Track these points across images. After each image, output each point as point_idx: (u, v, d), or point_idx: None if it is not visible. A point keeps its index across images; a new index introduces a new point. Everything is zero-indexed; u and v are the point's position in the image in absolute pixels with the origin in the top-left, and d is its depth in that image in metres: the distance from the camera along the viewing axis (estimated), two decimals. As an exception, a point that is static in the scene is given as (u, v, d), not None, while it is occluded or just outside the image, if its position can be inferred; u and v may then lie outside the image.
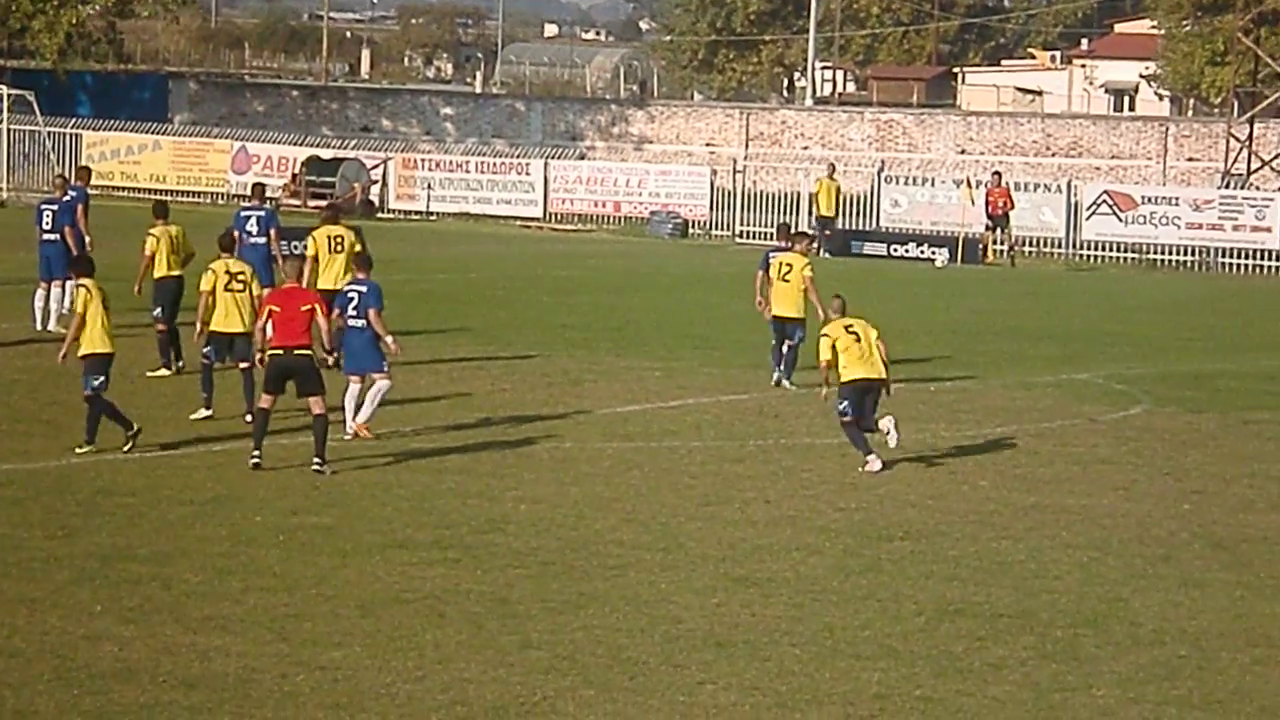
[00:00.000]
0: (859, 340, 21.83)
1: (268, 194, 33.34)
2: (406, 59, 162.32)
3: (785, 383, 27.08)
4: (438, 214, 61.72)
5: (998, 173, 57.57)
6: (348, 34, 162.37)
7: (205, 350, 23.46)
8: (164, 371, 26.23)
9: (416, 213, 61.83)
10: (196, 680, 13.15)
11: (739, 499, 19.98)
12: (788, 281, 27.05)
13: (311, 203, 60.06)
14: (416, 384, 26.62)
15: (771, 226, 58.40)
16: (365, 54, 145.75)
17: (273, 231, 28.84)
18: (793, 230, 26.87)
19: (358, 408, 22.30)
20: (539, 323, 34.74)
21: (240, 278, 23.27)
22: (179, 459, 20.81)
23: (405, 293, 38.52)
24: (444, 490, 19.79)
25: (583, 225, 60.94)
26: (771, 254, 27.85)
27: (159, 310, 26.59)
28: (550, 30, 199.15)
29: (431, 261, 46.47)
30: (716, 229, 59.78)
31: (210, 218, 37.38)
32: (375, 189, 62.17)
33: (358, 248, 26.98)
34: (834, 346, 21.78)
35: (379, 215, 60.66)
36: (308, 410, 20.76)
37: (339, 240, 27.11)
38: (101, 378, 20.90)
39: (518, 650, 14.18)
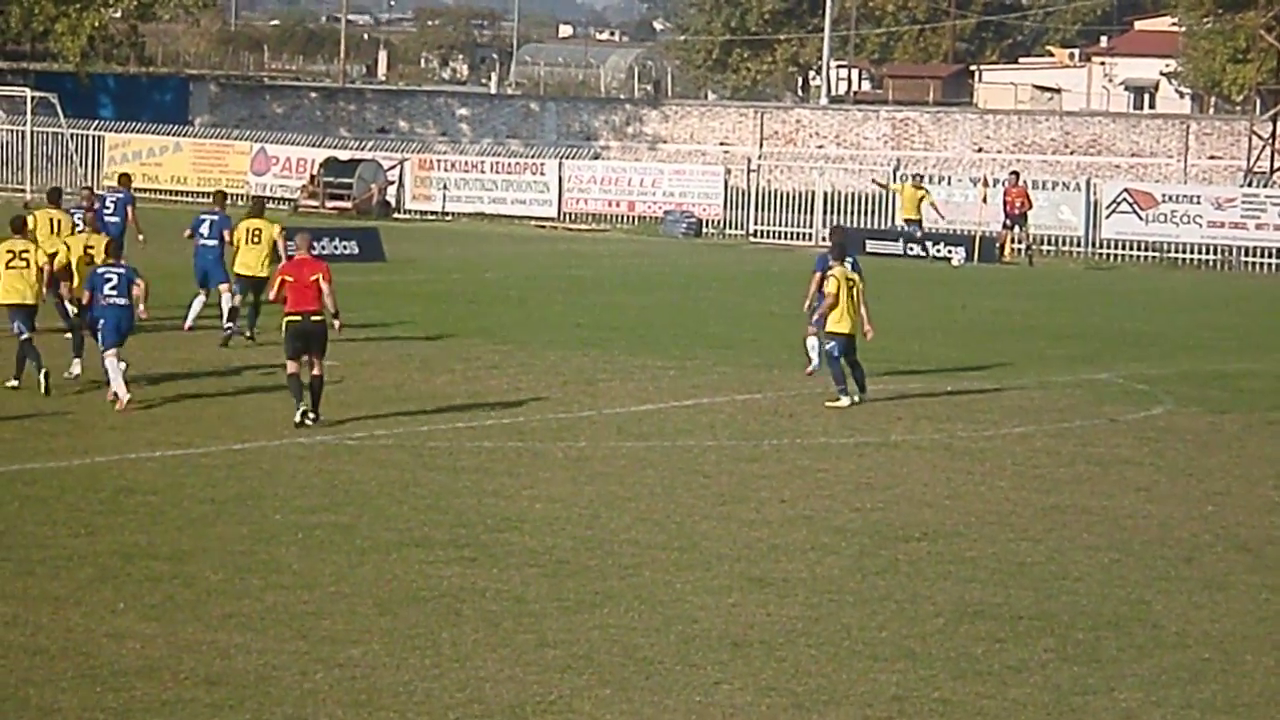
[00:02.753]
0: (851, 296, 25.46)
1: (289, 195, 34.44)
2: (423, 60, 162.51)
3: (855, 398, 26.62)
4: (453, 214, 61.87)
5: (1015, 172, 57.59)
6: (365, 36, 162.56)
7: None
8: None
9: (433, 213, 61.98)
10: (218, 677, 13.26)
11: (754, 498, 20.05)
12: (853, 300, 26.46)
13: (329, 204, 60.24)
14: (432, 383, 26.74)
15: (787, 225, 58.75)
16: (382, 56, 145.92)
17: (225, 234, 31.01)
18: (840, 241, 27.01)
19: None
20: (554, 322, 34.85)
21: (24, 255, 25.16)
22: (199, 458, 20.95)
23: (422, 292, 38.67)
24: (460, 489, 19.88)
25: (597, 225, 61.05)
26: (829, 262, 27.14)
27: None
28: (565, 31, 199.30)
29: (447, 261, 46.60)
30: (731, 228, 59.86)
31: (230, 218, 37.43)
32: (392, 190, 62.32)
33: (276, 240, 29.87)
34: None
35: (396, 216, 60.81)
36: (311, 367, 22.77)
37: (258, 232, 30.16)
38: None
39: (534, 649, 14.26)
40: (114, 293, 24.27)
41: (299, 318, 22.88)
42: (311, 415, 22.75)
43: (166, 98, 78.60)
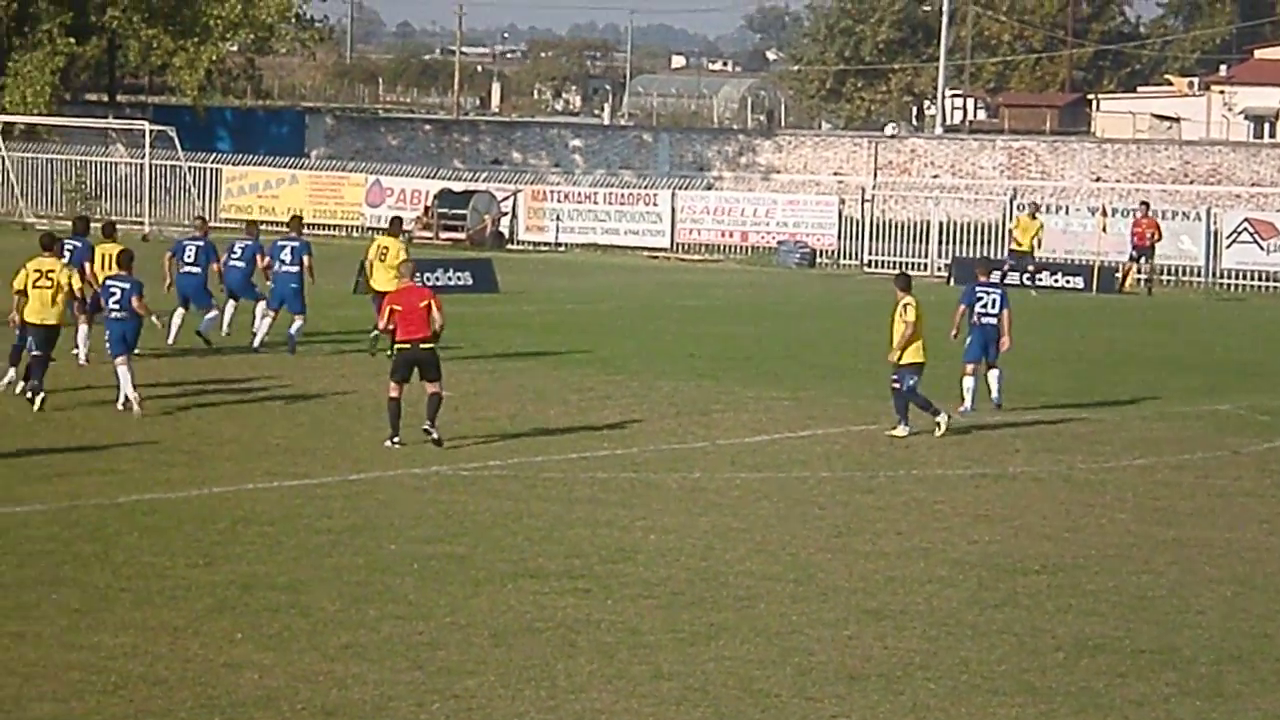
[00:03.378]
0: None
1: (403, 226, 34.88)
2: (536, 92, 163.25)
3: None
4: (566, 245, 62.00)
5: (1145, 203, 56.98)
6: (479, 68, 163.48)
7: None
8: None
9: (545, 244, 62.14)
10: (334, 708, 13.27)
11: (870, 530, 19.91)
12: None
13: (443, 235, 60.52)
14: (546, 414, 26.76)
15: (901, 255, 58.47)
16: (496, 87, 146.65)
17: (305, 260, 32.03)
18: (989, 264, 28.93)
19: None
20: (667, 353, 34.81)
21: (50, 274, 25.55)
22: (315, 488, 21.03)
23: (535, 323, 38.74)
24: (574, 520, 19.86)
25: (710, 255, 61.02)
26: (980, 289, 28.27)
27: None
28: (677, 61, 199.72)
29: (560, 292, 46.68)
30: (845, 258, 59.69)
31: (346, 250, 37.79)
32: (505, 221, 62.53)
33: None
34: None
35: (509, 247, 61.01)
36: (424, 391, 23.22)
37: (385, 249, 31.24)
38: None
39: (649, 681, 14.20)
40: (116, 307, 25.73)
41: (408, 345, 23.25)
42: (432, 433, 23.15)
43: (283, 130, 79.26)
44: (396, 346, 23.45)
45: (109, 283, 26.23)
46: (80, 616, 15.29)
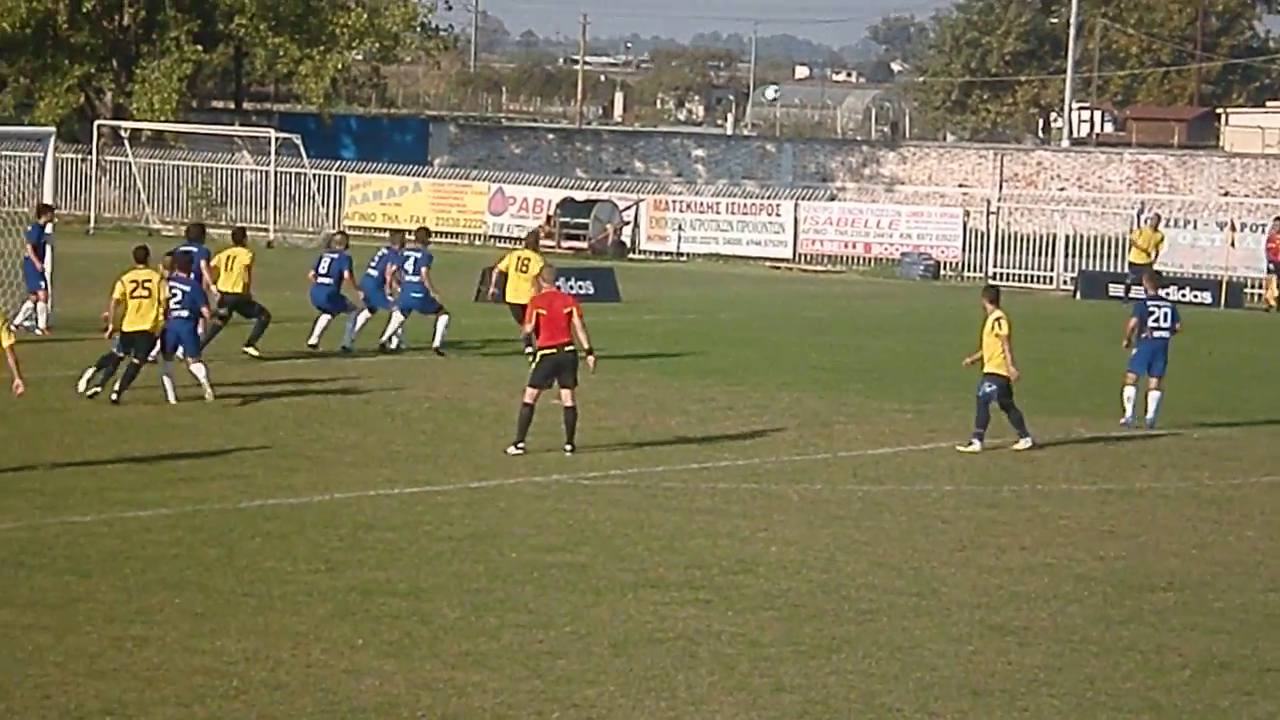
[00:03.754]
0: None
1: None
2: (659, 101, 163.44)
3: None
4: (688, 255, 61.96)
5: (1279, 218, 56.28)
6: (602, 78, 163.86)
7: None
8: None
9: (667, 253, 62.13)
10: (454, 715, 13.27)
11: (994, 545, 19.74)
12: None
13: (565, 244, 60.63)
14: (667, 424, 26.71)
15: (1027, 268, 58.02)
16: (619, 97, 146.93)
17: (424, 271, 32.79)
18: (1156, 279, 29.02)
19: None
20: (789, 364, 34.69)
21: (147, 284, 26.15)
22: (436, 495, 21.08)
23: (656, 333, 38.71)
24: (694, 530, 19.80)
25: (833, 266, 60.80)
26: (1152, 303, 28.40)
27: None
28: (801, 72, 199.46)
29: (682, 302, 46.64)
30: (969, 271, 59.32)
31: (468, 258, 37.95)
32: (627, 230, 62.57)
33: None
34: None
35: (631, 256, 61.04)
36: (558, 400, 23.52)
37: (526, 261, 31.56)
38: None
39: (770, 693, 14.12)
40: (177, 306, 26.49)
41: (554, 350, 23.39)
42: (568, 447, 23.47)
43: (407, 138, 79.66)
44: (540, 352, 23.56)
45: (171, 284, 26.82)
46: (203, 621, 15.38)
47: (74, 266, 38.15)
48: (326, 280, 32.60)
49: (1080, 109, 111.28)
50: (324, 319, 32.59)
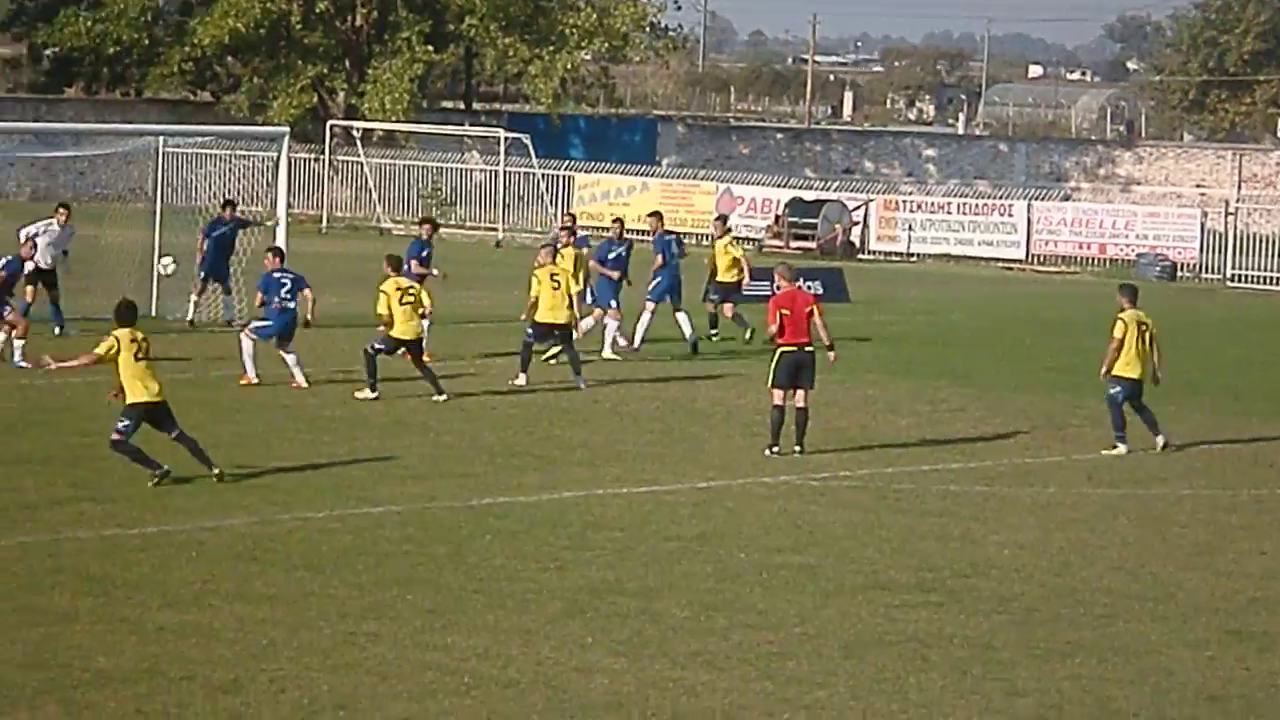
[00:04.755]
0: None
1: (754, 235, 35.21)
2: (889, 101, 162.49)
3: None
4: (918, 255, 61.50)
5: None
6: (831, 77, 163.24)
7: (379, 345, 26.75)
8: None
9: (897, 254, 61.72)
10: (684, 715, 13.23)
11: (1232, 550, 19.33)
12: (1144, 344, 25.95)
13: (794, 244, 60.46)
14: (897, 425, 26.50)
15: (1268, 270, 56.85)
16: (848, 96, 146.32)
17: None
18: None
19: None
20: (1021, 365, 34.26)
21: (411, 290, 26.77)
22: (664, 495, 21.07)
23: (886, 334, 38.43)
24: (925, 532, 19.61)
25: (1066, 267, 60.02)
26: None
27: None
28: (1034, 71, 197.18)
29: (912, 302, 46.27)
30: (1206, 272, 58.26)
31: (696, 258, 37.89)
32: (856, 230, 62.24)
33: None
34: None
35: (860, 256, 60.72)
36: (798, 401, 23.44)
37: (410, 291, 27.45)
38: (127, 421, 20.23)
39: (1003, 697, 13.93)
40: (288, 297, 27.52)
41: (794, 349, 23.32)
42: (797, 448, 23.31)
43: (635, 138, 79.89)
44: (781, 350, 23.42)
45: (280, 275, 27.83)
46: (434, 617, 15.48)
47: (306, 265, 38.48)
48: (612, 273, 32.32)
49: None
50: (646, 316, 32.57)
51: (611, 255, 32.54)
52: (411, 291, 26.87)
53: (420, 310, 26.96)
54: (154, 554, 17.32)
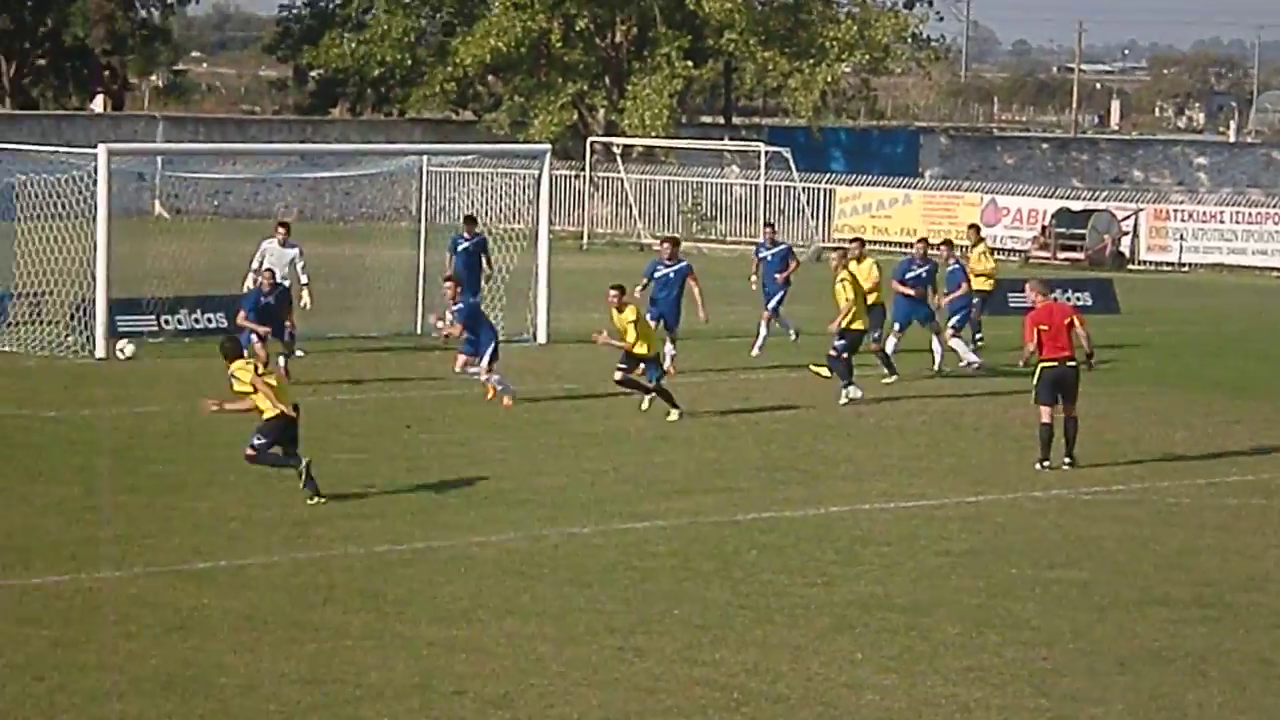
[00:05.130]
0: None
1: (1020, 246, 34.45)
2: (1157, 109, 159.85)
3: None
4: (1190, 265, 60.33)
5: None
6: (1097, 85, 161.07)
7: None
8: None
9: (1168, 264, 60.59)
10: (955, 733, 13.02)
11: None
12: None
13: (1061, 255, 59.62)
14: (1171, 438, 25.92)
15: None
16: (1115, 105, 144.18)
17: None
18: None
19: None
20: (1300, 376, 33.39)
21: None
22: (933, 509, 20.81)
23: (1158, 345, 37.70)
24: (1202, 547, 19.16)
25: (1348, 276, 58.47)
26: None
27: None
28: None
29: (1184, 313, 45.38)
30: None
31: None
32: (1126, 240, 61.22)
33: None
34: None
35: (1130, 267, 59.70)
36: (1066, 414, 23.08)
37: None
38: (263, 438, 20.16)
39: (1285, 715, 13.54)
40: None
41: (1055, 364, 23.02)
42: (1067, 460, 23.03)
43: (896, 150, 79.34)
44: (1042, 366, 23.10)
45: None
46: (701, 632, 15.40)
47: (567, 281, 38.90)
48: (909, 291, 31.63)
49: None
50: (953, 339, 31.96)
51: (910, 275, 31.82)
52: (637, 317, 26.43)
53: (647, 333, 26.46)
54: (423, 569, 17.45)
